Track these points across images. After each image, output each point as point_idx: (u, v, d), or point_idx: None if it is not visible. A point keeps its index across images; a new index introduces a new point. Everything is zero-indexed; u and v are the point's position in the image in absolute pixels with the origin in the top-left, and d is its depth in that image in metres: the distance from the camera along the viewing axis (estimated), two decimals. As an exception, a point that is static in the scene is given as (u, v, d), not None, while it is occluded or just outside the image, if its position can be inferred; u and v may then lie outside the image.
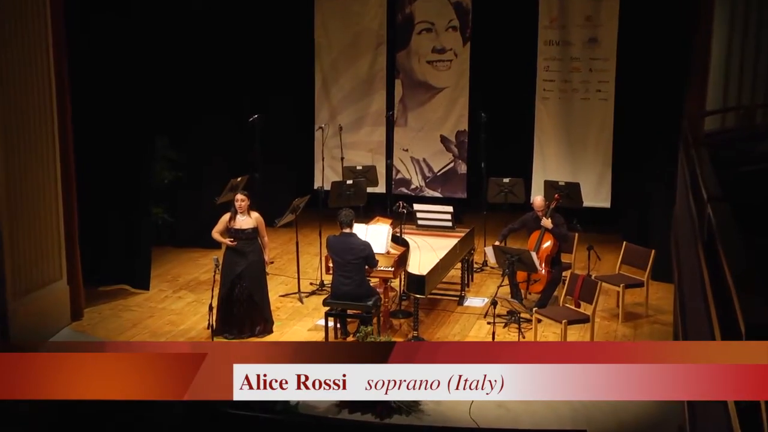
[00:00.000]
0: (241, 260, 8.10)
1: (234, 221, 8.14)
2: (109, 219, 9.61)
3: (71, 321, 8.65)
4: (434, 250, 8.87)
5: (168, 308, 9.22)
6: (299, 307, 9.22)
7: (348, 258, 7.86)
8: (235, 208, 8.15)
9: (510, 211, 10.49)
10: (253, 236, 8.17)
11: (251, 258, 8.14)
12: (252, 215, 8.16)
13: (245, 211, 8.10)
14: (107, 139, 9.42)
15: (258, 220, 8.18)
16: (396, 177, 12.78)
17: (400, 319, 8.73)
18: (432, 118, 12.57)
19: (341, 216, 8.04)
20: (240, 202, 8.11)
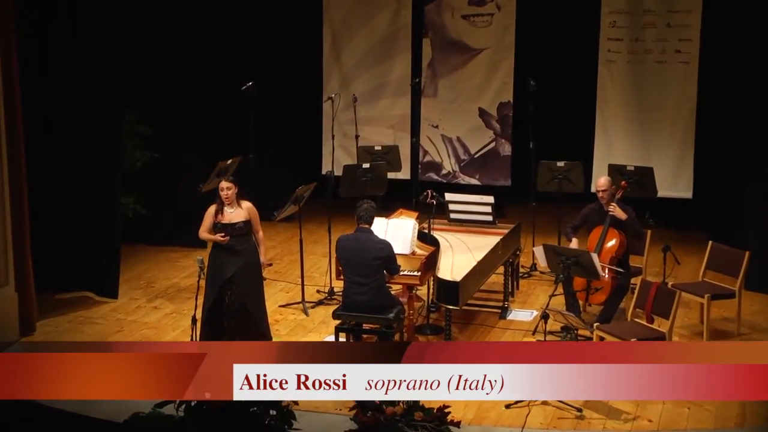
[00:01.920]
0: (232, 261, 8.10)
1: (222, 214, 8.13)
2: (68, 212, 9.62)
3: (20, 335, 8.66)
4: (470, 250, 8.83)
5: (140, 321, 9.23)
6: (303, 320, 9.21)
7: (363, 260, 7.84)
8: (220, 198, 8.16)
9: (565, 203, 10.43)
10: (245, 231, 8.15)
11: (244, 258, 8.12)
12: (243, 206, 8.15)
13: (233, 202, 8.09)
14: (64, 114, 9.44)
15: (250, 210, 8.17)
16: (423, 160, 12.74)
17: (428, 336, 8.70)
18: (468, 87, 12.52)
19: (360, 209, 8.00)
20: (225, 191, 8.11)
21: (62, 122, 9.45)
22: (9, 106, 8.47)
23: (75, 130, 9.45)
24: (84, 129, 9.45)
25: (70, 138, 9.47)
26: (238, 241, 8.08)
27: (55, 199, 9.54)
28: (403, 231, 8.51)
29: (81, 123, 9.44)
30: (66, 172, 9.53)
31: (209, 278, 8.09)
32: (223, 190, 8.08)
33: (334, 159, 11.35)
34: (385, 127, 12.76)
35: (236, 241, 8.08)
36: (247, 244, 8.14)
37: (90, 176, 9.53)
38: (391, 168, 10.85)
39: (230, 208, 8.10)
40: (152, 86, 11.19)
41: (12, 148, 8.49)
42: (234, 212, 8.11)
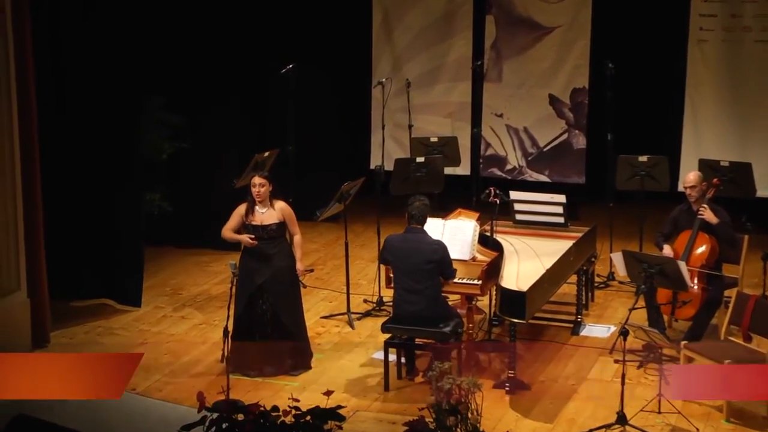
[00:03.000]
0: (263, 267, 8.11)
1: (252, 215, 8.15)
2: (85, 210, 9.70)
3: (33, 347, 8.74)
4: (538, 256, 8.76)
5: (166, 332, 9.28)
6: (348, 334, 9.21)
7: (415, 263, 7.81)
8: (251, 196, 8.18)
9: (648, 203, 10.32)
10: (279, 234, 8.18)
11: (276, 263, 8.14)
12: (276, 206, 8.16)
13: (265, 201, 8.10)
14: (78, 99, 9.52)
15: (284, 211, 8.18)
16: (486, 153, 12.70)
17: (490, 353, 8.67)
18: (537, 71, 12.46)
19: (412, 207, 7.97)
20: (258, 187, 8.12)
21: (76, 108, 9.52)
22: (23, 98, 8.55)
23: (91, 118, 9.52)
24: (102, 119, 9.52)
25: (86, 126, 9.54)
26: (269, 244, 8.09)
27: (71, 195, 9.63)
28: (462, 234, 8.46)
29: (98, 110, 9.51)
30: (82, 165, 9.61)
31: (239, 286, 8.11)
32: (255, 187, 8.09)
33: (384, 152, 11.33)
34: (442, 115, 12.73)
35: (267, 245, 8.09)
36: (280, 248, 8.15)
37: (109, 170, 9.60)
38: (448, 162, 10.81)
39: (262, 208, 8.12)
40: (181, 70, 11.27)
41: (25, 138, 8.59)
42: (266, 213, 8.12)
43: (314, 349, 8.56)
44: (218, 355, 8.30)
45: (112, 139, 9.55)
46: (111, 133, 9.54)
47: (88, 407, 7.70)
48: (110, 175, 9.61)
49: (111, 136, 9.55)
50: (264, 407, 6.29)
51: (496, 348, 8.72)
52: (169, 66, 11.11)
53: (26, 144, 8.60)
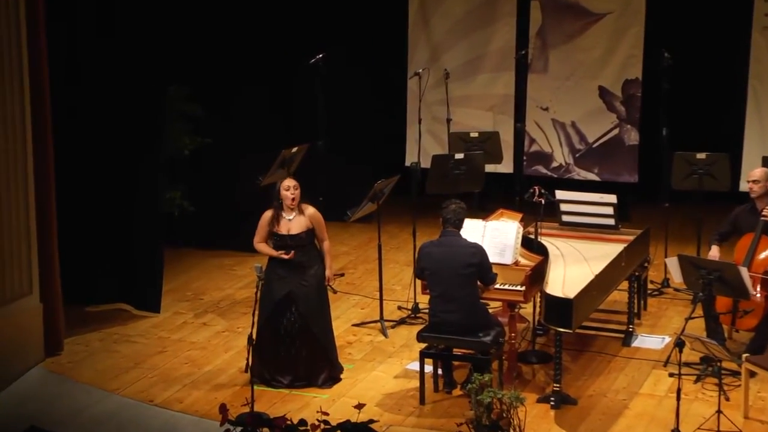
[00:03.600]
0: (292, 275, 8.12)
1: (278, 223, 8.15)
2: (101, 209, 9.75)
3: (45, 356, 8.80)
4: (587, 260, 8.73)
5: (186, 340, 9.32)
6: (382, 343, 9.22)
7: (452, 268, 7.79)
8: (279, 200, 8.17)
9: (706, 204, 10.25)
10: (309, 242, 8.20)
11: (306, 271, 8.16)
12: (306, 212, 8.16)
13: (295, 207, 8.10)
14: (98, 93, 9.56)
15: (313, 218, 8.17)
16: (530, 149, 12.66)
17: (534, 365, 8.64)
18: (586, 61, 12.40)
19: (448, 210, 7.95)
20: (292, 191, 8.12)
21: (92, 101, 9.57)
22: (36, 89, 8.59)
23: (108, 111, 9.57)
24: (120, 110, 9.56)
25: (103, 120, 9.59)
26: (299, 252, 8.10)
27: (86, 193, 9.69)
28: (504, 236, 8.44)
29: (116, 102, 9.55)
30: (98, 162, 9.66)
31: (263, 293, 8.13)
32: (289, 190, 8.07)
33: (420, 148, 11.32)
34: (483, 109, 12.70)
35: (297, 253, 8.10)
36: (310, 255, 8.17)
37: (127, 166, 9.64)
38: (489, 159, 10.78)
39: (289, 215, 8.11)
40: (204, 58, 11.32)
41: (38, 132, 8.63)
42: (294, 220, 8.12)
43: (345, 359, 8.56)
44: (242, 365, 8.33)
45: (131, 134, 9.59)
46: (129, 126, 9.58)
47: (102, 420, 7.77)
48: (128, 173, 9.65)
49: (129, 130, 9.59)
50: (291, 421, 6.31)
51: (540, 359, 8.70)
52: (191, 54, 11.15)
53: (39, 139, 8.65)
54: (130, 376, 8.51)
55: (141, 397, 8.10)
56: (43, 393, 8.23)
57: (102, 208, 9.71)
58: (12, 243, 8.45)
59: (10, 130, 8.38)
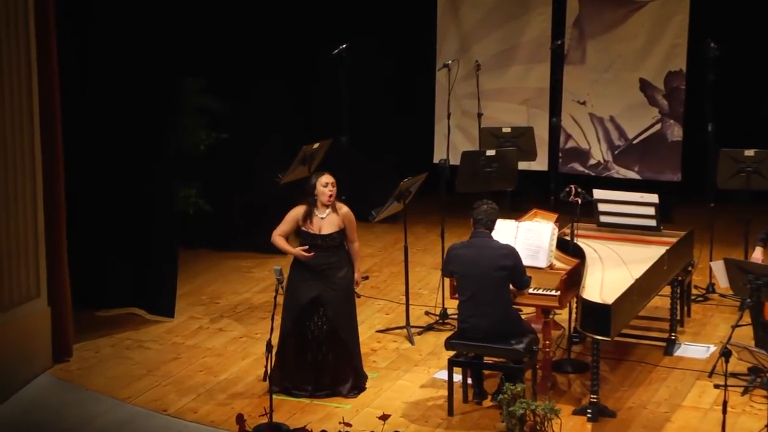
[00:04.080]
0: (319, 277, 8.14)
1: (311, 221, 8.17)
2: (113, 209, 9.78)
3: (53, 362, 8.83)
4: (626, 264, 8.71)
5: (202, 346, 9.34)
6: (408, 350, 9.22)
7: (483, 271, 7.79)
8: (313, 197, 8.19)
9: (754, 203, 10.21)
10: (340, 242, 8.22)
11: (335, 273, 8.17)
12: (339, 210, 8.18)
13: (330, 205, 8.12)
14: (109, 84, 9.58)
15: (346, 218, 8.19)
16: (566, 146, 12.63)
17: (570, 375, 8.63)
18: (627, 51, 12.36)
19: (479, 211, 7.95)
20: (330, 187, 8.11)
21: (103, 93, 9.60)
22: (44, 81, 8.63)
23: (120, 105, 9.60)
24: (133, 103, 9.59)
25: (115, 114, 9.61)
26: (328, 254, 8.11)
27: (97, 192, 9.72)
28: (538, 238, 8.43)
29: (128, 94, 9.58)
30: (109, 158, 9.69)
31: (288, 297, 8.16)
32: (327, 186, 8.08)
33: (449, 144, 11.32)
34: (516, 102, 12.68)
35: (326, 254, 8.11)
36: (339, 257, 8.18)
37: (140, 163, 9.67)
38: (523, 156, 10.76)
39: (322, 212, 8.12)
40: (221, 48, 11.34)
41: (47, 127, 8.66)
42: (327, 218, 8.13)
43: (369, 367, 8.57)
44: (260, 373, 8.36)
45: (143, 129, 9.62)
46: (142, 121, 9.61)
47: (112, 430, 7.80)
48: (141, 170, 9.68)
49: (142, 126, 9.61)
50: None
51: (576, 368, 8.69)
52: (207, 44, 11.18)
53: (48, 135, 8.68)
54: (142, 384, 8.54)
55: (154, 406, 8.13)
56: (51, 401, 8.27)
57: (114, 207, 9.75)
58: (18, 243, 8.48)
59: (17, 125, 8.42)
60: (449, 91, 11.34)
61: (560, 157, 12.42)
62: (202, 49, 11.08)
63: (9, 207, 8.37)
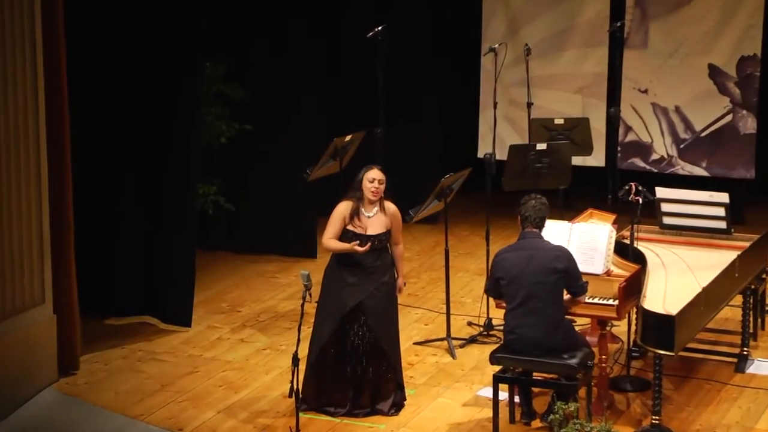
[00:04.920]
0: (362, 282, 8.15)
1: (358, 219, 8.19)
2: (125, 209, 9.85)
3: (59, 376, 8.86)
4: (692, 270, 8.69)
5: (221, 359, 9.38)
6: (449, 365, 9.23)
7: (533, 275, 7.79)
8: (360, 192, 8.20)
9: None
10: (385, 243, 8.24)
11: (378, 279, 8.20)
12: (387, 209, 8.20)
13: (377, 202, 8.18)
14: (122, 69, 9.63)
15: (394, 217, 8.20)
16: (625, 139, 12.61)
17: (629, 393, 8.62)
18: (694, 34, 12.36)
19: (527, 207, 7.93)
20: (376, 183, 8.08)
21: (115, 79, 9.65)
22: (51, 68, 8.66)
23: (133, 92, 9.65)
24: (145, 90, 9.64)
25: (127, 103, 9.66)
26: (374, 255, 8.14)
27: (107, 190, 9.79)
28: (594, 241, 8.42)
29: (143, 81, 9.62)
30: (121, 152, 9.75)
31: (325, 304, 8.18)
32: (374, 182, 8.08)
33: (495, 136, 11.30)
34: (570, 91, 12.68)
35: (371, 256, 8.13)
36: (383, 260, 8.20)
37: (155, 158, 9.73)
38: (577, 150, 10.75)
39: (369, 211, 8.13)
40: (243, 30, 11.39)
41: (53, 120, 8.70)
42: (374, 217, 8.13)
43: (406, 383, 8.56)
44: (286, 389, 8.37)
45: (158, 120, 9.67)
46: (156, 112, 9.66)
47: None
48: (156, 166, 9.75)
49: (156, 116, 9.67)
50: (342, 455, 6.36)
51: (636, 386, 8.68)
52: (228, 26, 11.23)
53: (54, 128, 8.72)
54: (156, 400, 8.58)
55: (168, 424, 8.17)
56: (56, 418, 8.32)
57: (125, 205, 9.82)
58: (22, 244, 8.52)
59: (21, 119, 8.44)
60: (496, 79, 11.31)
61: (619, 152, 12.38)
62: (223, 30, 11.12)
63: (12, 205, 8.41)
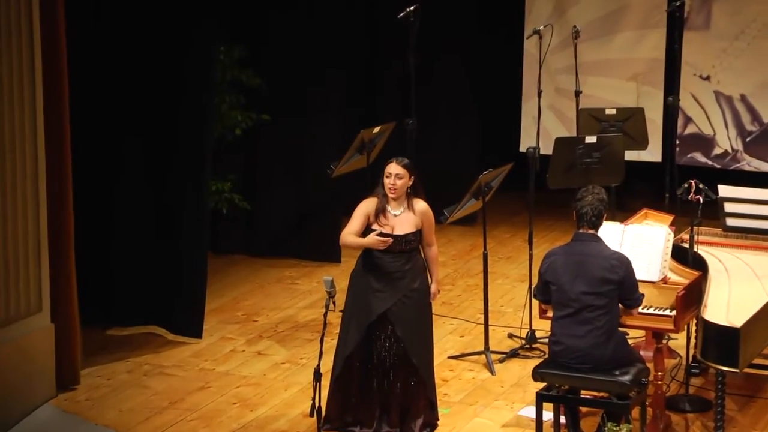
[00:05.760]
0: (390, 288, 8.14)
1: (384, 216, 8.18)
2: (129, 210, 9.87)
3: (57, 391, 8.89)
4: (759, 278, 8.64)
5: (236, 373, 9.40)
6: (487, 381, 9.23)
7: (585, 283, 7.78)
8: (383, 188, 8.18)
9: None
10: (416, 246, 8.26)
11: (408, 284, 8.19)
12: (416, 207, 8.19)
13: (402, 198, 8.18)
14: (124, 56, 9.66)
15: (425, 216, 8.17)
16: (685, 132, 12.58)
17: (687, 414, 8.61)
18: (762, 15, 12.33)
19: (583, 203, 7.86)
20: (393, 179, 8.08)
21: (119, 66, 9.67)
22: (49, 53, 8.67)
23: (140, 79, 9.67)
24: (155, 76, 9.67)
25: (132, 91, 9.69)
26: (402, 258, 8.16)
27: (110, 189, 9.83)
28: (649, 245, 8.39)
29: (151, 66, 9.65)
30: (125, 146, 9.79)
31: (351, 312, 8.19)
32: (390, 177, 8.07)
33: (540, 129, 11.30)
34: (624, 78, 12.66)
35: (398, 259, 8.16)
36: (414, 264, 8.19)
37: (162, 153, 9.75)
38: (631, 144, 10.73)
39: (396, 209, 8.13)
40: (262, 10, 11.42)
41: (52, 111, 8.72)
42: (402, 216, 8.12)
43: (440, 401, 8.55)
44: (307, 407, 8.40)
45: (167, 110, 9.70)
46: (166, 100, 9.69)
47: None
48: (164, 161, 9.78)
49: (164, 106, 9.69)
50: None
51: (695, 406, 8.68)
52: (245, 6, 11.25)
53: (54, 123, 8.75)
54: (163, 419, 8.61)
55: (177, 445, 8.25)
56: (55, 438, 8.40)
57: (131, 205, 9.87)
58: (17, 248, 8.56)
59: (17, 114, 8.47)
60: (540, 64, 11.32)
61: (677, 146, 12.35)
62: (238, 11, 11.14)
63: (7, 206, 8.44)
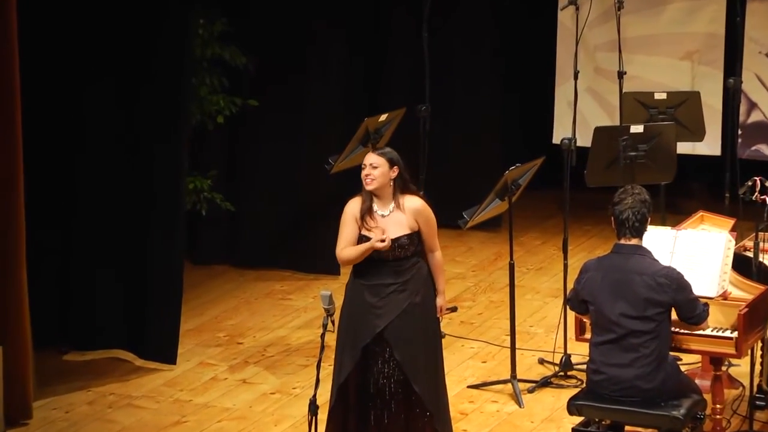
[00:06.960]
0: (387, 303, 8.17)
1: (371, 218, 8.20)
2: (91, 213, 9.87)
3: (5, 427, 8.87)
4: (836, 293, 8.66)
5: (217, 405, 9.41)
6: (513, 415, 9.24)
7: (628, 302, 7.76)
8: None
9: None
10: (413, 251, 8.24)
11: (407, 298, 8.19)
12: (405, 204, 8.20)
13: (385, 195, 8.14)
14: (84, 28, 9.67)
15: (419, 214, 8.18)
16: (748, 120, 12.59)
17: (750, 455, 8.60)
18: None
19: (622, 206, 7.87)
20: (368, 169, 8.07)
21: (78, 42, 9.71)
22: None
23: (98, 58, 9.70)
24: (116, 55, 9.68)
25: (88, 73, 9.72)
26: (398, 267, 8.15)
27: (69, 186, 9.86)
28: (705, 253, 8.38)
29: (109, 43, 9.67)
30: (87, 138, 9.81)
31: (344, 332, 8.20)
32: (365, 168, 8.11)
33: (576, 116, 11.29)
34: (676, 57, 12.68)
35: (392, 269, 8.14)
36: (414, 272, 8.19)
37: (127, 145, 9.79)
38: (685, 135, 10.72)
39: (384, 209, 8.13)
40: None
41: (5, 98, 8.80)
42: (391, 216, 8.13)
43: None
44: (300, 445, 8.42)
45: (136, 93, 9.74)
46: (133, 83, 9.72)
47: None
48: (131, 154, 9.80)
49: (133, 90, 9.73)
50: None
51: (759, 445, 8.64)
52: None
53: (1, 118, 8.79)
54: (130, 460, 8.65)
55: (148, 491, 8.23)
56: (2, 483, 8.38)
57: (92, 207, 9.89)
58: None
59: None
60: (577, 41, 11.32)
61: (739, 136, 12.33)
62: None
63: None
